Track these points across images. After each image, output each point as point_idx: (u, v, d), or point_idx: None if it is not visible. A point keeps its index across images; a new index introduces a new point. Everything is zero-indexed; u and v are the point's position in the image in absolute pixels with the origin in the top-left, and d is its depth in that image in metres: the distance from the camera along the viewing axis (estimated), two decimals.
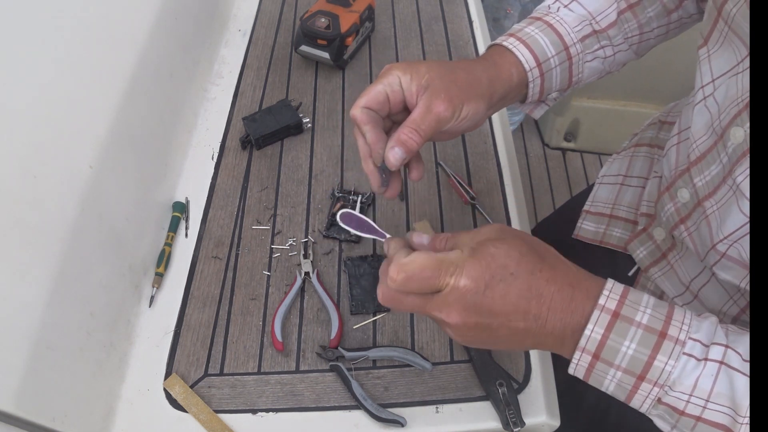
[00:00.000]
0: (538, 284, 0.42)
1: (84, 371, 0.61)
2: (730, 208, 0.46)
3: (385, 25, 1.05)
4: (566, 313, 0.42)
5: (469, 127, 0.54)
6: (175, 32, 0.86)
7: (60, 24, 0.60)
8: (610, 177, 0.77)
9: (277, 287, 0.73)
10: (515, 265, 0.42)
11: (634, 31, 0.60)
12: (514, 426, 0.60)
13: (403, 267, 0.43)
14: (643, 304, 0.42)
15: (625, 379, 0.42)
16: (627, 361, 0.41)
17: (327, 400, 0.64)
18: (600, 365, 0.42)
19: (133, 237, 0.72)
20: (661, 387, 0.41)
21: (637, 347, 0.41)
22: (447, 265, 0.43)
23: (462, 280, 0.42)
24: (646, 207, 0.66)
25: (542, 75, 0.57)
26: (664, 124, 0.73)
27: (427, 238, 0.48)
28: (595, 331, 0.41)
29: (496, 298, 0.42)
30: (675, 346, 0.40)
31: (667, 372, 0.40)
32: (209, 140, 0.90)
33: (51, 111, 0.57)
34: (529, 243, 0.44)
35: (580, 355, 0.42)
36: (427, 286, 0.43)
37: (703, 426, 0.41)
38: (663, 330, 0.41)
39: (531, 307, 0.42)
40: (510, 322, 0.43)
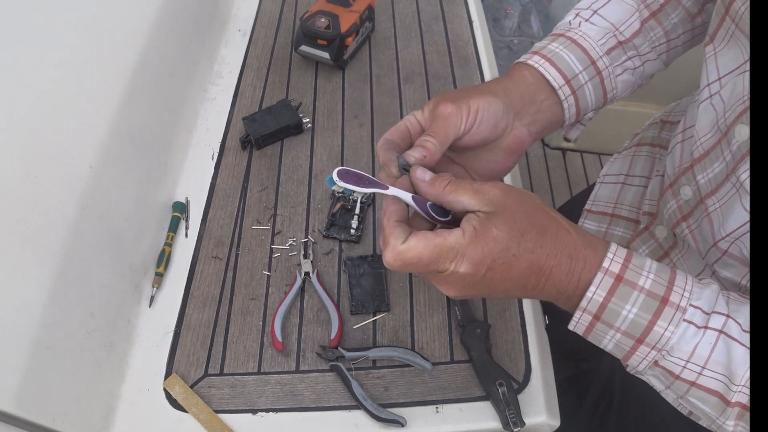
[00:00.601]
0: (539, 260, 0.42)
1: (84, 371, 0.61)
2: (733, 205, 0.46)
3: (385, 25, 1.05)
4: (563, 283, 0.43)
5: (493, 129, 0.51)
6: (175, 32, 0.86)
7: (60, 24, 0.60)
8: (612, 176, 0.77)
9: (277, 287, 0.73)
10: (517, 246, 0.42)
11: (661, 39, 0.59)
12: (514, 426, 0.60)
13: (399, 255, 0.43)
14: (646, 268, 0.42)
15: (623, 341, 0.43)
16: (627, 325, 0.42)
17: (327, 400, 0.64)
18: (600, 326, 0.43)
19: (133, 237, 0.72)
20: (659, 351, 0.42)
21: (638, 311, 0.41)
22: (447, 251, 0.42)
23: (462, 266, 0.42)
24: (648, 206, 0.66)
25: (574, 93, 0.55)
26: (665, 124, 0.73)
27: (429, 174, 0.46)
28: (597, 294, 0.42)
29: (496, 278, 0.43)
30: (676, 313, 0.41)
31: (666, 337, 0.41)
32: (209, 140, 0.90)
33: (51, 111, 0.57)
34: (532, 215, 0.43)
35: (581, 315, 0.43)
36: (425, 272, 0.44)
37: (696, 391, 0.42)
38: (665, 296, 0.41)
39: (530, 280, 0.43)
40: (508, 291, 0.44)
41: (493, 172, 0.55)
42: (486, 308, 0.70)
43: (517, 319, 0.69)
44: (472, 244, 0.42)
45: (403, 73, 0.97)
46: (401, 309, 0.71)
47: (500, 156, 0.54)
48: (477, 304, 0.70)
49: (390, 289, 0.72)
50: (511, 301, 0.70)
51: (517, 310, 0.70)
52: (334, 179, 0.47)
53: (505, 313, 0.70)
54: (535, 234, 0.42)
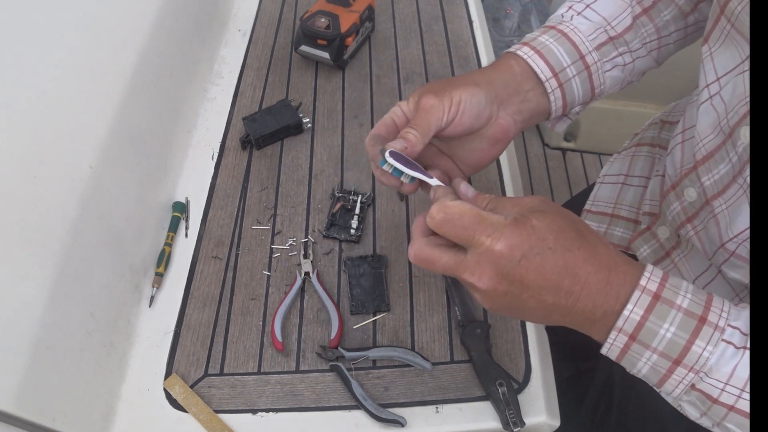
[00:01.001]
0: (575, 262, 0.41)
1: (84, 371, 0.61)
2: (741, 207, 0.46)
3: (385, 25, 1.05)
4: (600, 295, 0.41)
5: (476, 118, 0.52)
6: (175, 32, 0.86)
7: (60, 24, 0.60)
8: (611, 176, 0.77)
9: (277, 287, 0.73)
10: (554, 240, 0.41)
11: (652, 35, 0.59)
12: (514, 426, 0.60)
13: (444, 207, 0.43)
14: (683, 288, 0.41)
15: (660, 363, 0.41)
16: (665, 345, 0.40)
17: (327, 400, 0.64)
18: (636, 347, 0.41)
19: (133, 237, 0.72)
20: (696, 373, 0.40)
21: (676, 331, 0.40)
22: (487, 224, 0.42)
23: (499, 244, 0.41)
24: (649, 206, 0.66)
25: (561, 86, 0.56)
26: (665, 124, 0.73)
27: (473, 191, 0.48)
28: (634, 312, 0.40)
29: (530, 270, 0.41)
30: (714, 332, 0.40)
31: (705, 358, 0.39)
32: (209, 140, 0.90)
33: (51, 111, 0.57)
34: (571, 220, 0.44)
35: (616, 336, 0.41)
36: (461, 236, 0.43)
37: (735, 416, 0.40)
38: (703, 315, 0.40)
39: (564, 283, 0.41)
40: (540, 296, 0.42)
41: (478, 161, 0.57)
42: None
43: (517, 319, 0.69)
44: (511, 226, 0.42)
45: (403, 73, 0.97)
46: (401, 309, 0.71)
47: (485, 145, 0.55)
48: (477, 304, 0.70)
49: (390, 289, 0.72)
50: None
51: None
52: (386, 158, 0.49)
53: None
54: (575, 235, 0.42)
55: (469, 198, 0.48)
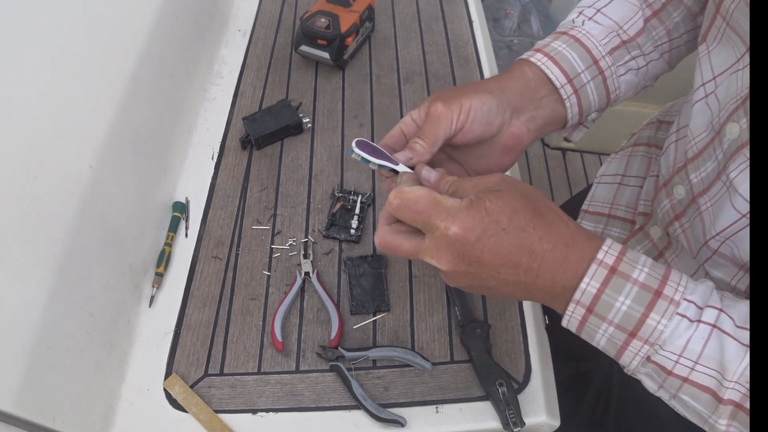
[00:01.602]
0: (531, 241, 0.42)
1: (84, 371, 0.61)
2: (723, 204, 0.46)
3: (385, 25, 1.05)
4: (558, 271, 0.42)
5: (486, 126, 0.52)
6: (175, 32, 0.86)
7: (60, 24, 0.60)
8: (609, 176, 0.77)
9: (277, 287, 0.73)
10: (507, 221, 0.42)
11: (663, 38, 0.58)
12: (514, 426, 0.60)
13: (401, 193, 0.45)
14: (641, 263, 0.42)
15: (616, 335, 0.42)
16: (620, 317, 0.41)
17: (327, 400, 0.64)
18: (593, 319, 0.42)
19: (133, 237, 0.72)
20: (651, 345, 0.41)
21: (632, 304, 0.41)
22: (441, 208, 0.43)
23: (453, 227, 0.42)
24: (643, 206, 0.66)
25: (576, 92, 0.55)
26: (662, 124, 0.73)
27: (435, 174, 0.49)
28: (590, 285, 0.41)
29: (486, 251, 0.42)
30: (669, 306, 0.40)
31: (659, 331, 0.40)
32: (209, 140, 0.90)
33: (51, 111, 0.57)
34: (528, 197, 0.44)
35: (574, 308, 0.43)
36: (417, 220, 0.44)
37: (689, 387, 0.41)
38: (658, 289, 0.41)
39: (521, 261, 0.42)
40: (499, 274, 0.43)
41: (490, 169, 0.56)
42: (486, 308, 0.70)
43: (517, 319, 0.69)
44: (465, 210, 0.43)
45: (403, 73, 0.97)
46: (401, 309, 0.71)
47: (497, 153, 0.54)
48: (477, 304, 0.70)
49: (390, 289, 0.72)
50: (511, 300, 0.70)
51: (517, 310, 0.70)
52: (353, 148, 0.50)
53: (505, 313, 0.70)
54: (530, 215, 0.43)
55: (432, 181, 0.48)
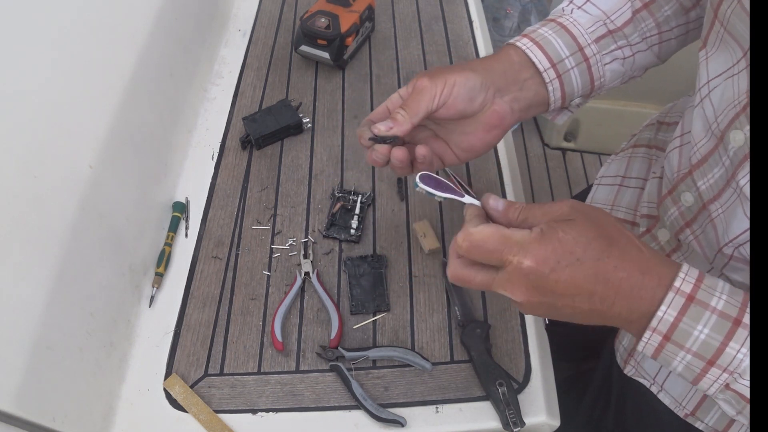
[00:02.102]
0: (606, 270, 0.42)
1: (84, 371, 0.61)
2: (735, 211, 0.46)
3: (385, 25, 1.05)
4: (634, 300, 0.42)
5: (469, 102, 0.54)
6: (175, 32, 0.86)
7: (60, 24, 0.60)
8: (609, 178, 0.77)
9: (277, 287, 0.73)
10: (582, 251, 0.42)
11: (653, 30, 0.59)
12: (514, 426, 0.60)
13: (469, 236, 0.45)
14: (719, 289, 0.41)
15: (694, 363, 0.41)
16: (698, 346, 0.41)
17: (327, 400, 0.64)
18: (670, 347, 0.42)
19: (133, 237, 0.72)
20: (730, 374, 0.40)
21: (710, 332, 0.40)
22: (512, 243, 0.43)
23: (526, 261, 0.42)
24: (647, 208, 0.66)
25: (559, 77, 0.57)
26: (662, 125, 0.73)
27: (503, 204, 0.48)
28: (668, 313, 0.41)
29: (560, 281, 0.42)
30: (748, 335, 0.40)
31: (738, 359, 0.40)
32: (209, 140, 0.90)
33: (51, 111, 0.57)
34: (600, 226, 0.44)
35: (651, 335, 0.42)
36: (489, 259, 0.44)
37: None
38: (738, 317, 0.40)
39: (597, 290, 0.42)
40: (574, 303, 0.43)
41: (472, 146, 0.57)
42: (486, 308, 0.70)
43: (517, 319, 0.69)
44: (537, 242, 0.42)
45: (403, 73, 0.97)
46: (401, 309, 0.71)
47: (480, 130, 0.56)
48: (477, 304, 0.70)
49: (390, 289, 0.72)
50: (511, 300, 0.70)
51: (517, 310, 0.70)
52: (417, 182, 0.52)
53: (505, 313, 0.70)
54: (604, 244, 0.42)
55: (500, 211, 0.48)
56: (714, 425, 0.59)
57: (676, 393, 0.61)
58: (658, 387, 0.63)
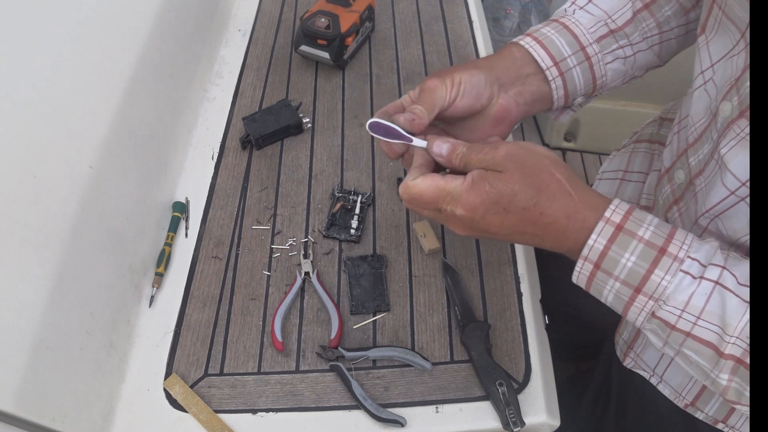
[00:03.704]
0: (533, 215, 0.46)
1: (84, 371, 0.61)
2: (715, 182, 0.47)
3: (385, 25, 1.05)
4: (560, 239, 0.46)
5: (476, 98, 0.55)
6: (175, 32, 0.86)
7: (60, 23, 0.60)
8: (610, 173, 0.77)
9: (277, 287, 0.73)
10: (508, 202, 0.46)
11: (653, 30, 0.60)
12: (514, 426, 0.60)
13: (407, 189, 0.50)
14: (647, 221, 0.44)
15: (622, 291, 0.44)
16: (626, 273, 0.43)
17: (327, 400, 0.64)
18: (600, 275, 0.44)
19: (133, 237, 0.72)
20: (655, 301, 0.43)
21: (637, 260, 0.43)
22: (444, 194, 0.48)
23: (458, 210, 0.48)
24: (646, 200, 0.67)
25: (562, 75, 0.58)
26: (664, 121, 0.73)
27: (447, 147, 0.51)
28: (597, 242, 0.44)
29: (491, 224, 0.47)
30: (673, 263, 0.42)
31: (663, 286, 0.42)
32: (209, 140, 0.90)
33: (51, 111, 0.57)
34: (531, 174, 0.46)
35: (583, 264, 0.45)
36: (427, 209, 0.50)
37: (691, 342, 0.43)
38: (663, 246, 0.42)
39: (526, 230, 0.47)
40: (509, 237, 0.49)
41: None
42: (486, 308, 0.70)
43: (517, 319, 0.69)
44: (467, 192, 0.47)
45: (403, 73, 0.97)
46: (401, 309, 0.71)
47: (488, 125, 0.57)
48: (477, 304, 0.70)
49: (390, 289, 0.72)
50: (511, 300, 0.70)
51: (517, 310, 0.70)
52: (367, 129, 0.54)
53: (505, 313, 0.70)
54: (530, 194, 0.46)
55: (444, 155, 0.51)
56: (714, 415, 0.59)
57: (676, 383, 0.62)
58: (657, 378, 0.63)
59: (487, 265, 0.73)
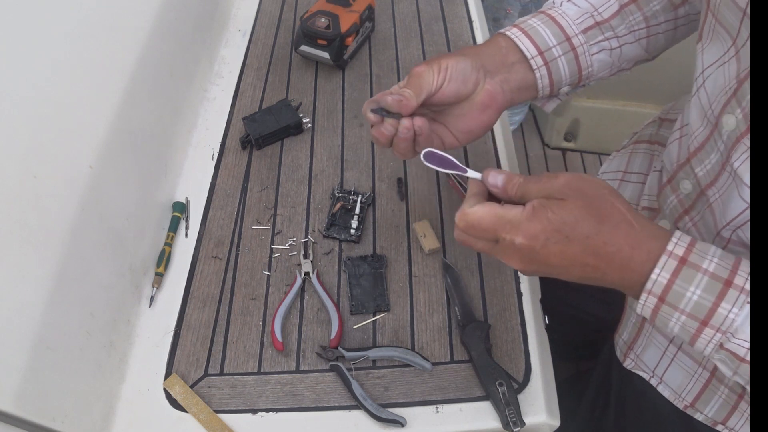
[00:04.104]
0: (596, 245, 0.44)
1: (84, 371, 0.61)
2: (731, 194, 0.47)
3: (385, 25, 1.05)
4: (625, 271, 0.44)
5: (463, 83, 0.56)
6: (175, 32, 0.86)
7: (60, 23, 0.60)
8: (610, 174, 0.77)
9: (277, 287, 0.73)
10: (570, 230, 0.44)
11: (640, 23, 0.60)
12: (514, 426, 0.60)
13: (464, 216, 0.48)
14: (711, 253, 0.43)
15: (688, 324, 0.43)
16: (691, 307, 0.42)
17: (327, 400, 0.64)
18: (665, 308, 0.43)
19: (133, 237, 0.72)
20: (723, 333, 0.42)
21: (702, 293, 0.42)
22: (504, 222, 0.46)
23: (517, 239, 0.46)
24: (648, 201, 0.67)
25: (547, 64, 0.59)
26: (663, 122, 0.73)
27: (502, 179, 0.51)
28: (661, 276, 0.43)
29: (552, 255, 0.45)
30: (740, 295, 0.41)
31: (730, 319, 0.41)
32: (209, 140, 0.90)
33: (51, 111, 0.57)
34: (592, 202, 0.45)
35: (647, 297, 0.44)
36: (484, 236, 0.48)
37: None
38: (728, 278, 0.42)
39: (588, 261, 0.45)
40: (569, 272, 0.46)
41: (470, 127, 0.59)
42: (486, 308, 0.70)
43: (517, 319, 0.69)
44: (528, 220, 0.45)
45: (403, 73, 0.97)
46: (401, 309, 0.71)
47: (475, 110, 0.58)
48: (477, 304, 0.70)
49: (390, 289, 0.72)
50: (511, 300, 0.70)
51: (517, 310, 0.70)
52: (422, 159, 0.54)
53: (505, 313, 0.70)
54: (593, 221, 0.44)
55: (500, 186, 0.51)
56: (713, 416, 0.59)
57: (676, 384, 0.62)
58: (657, 379, 0.63)
59: (487, 265, 0.73)
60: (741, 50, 0.45)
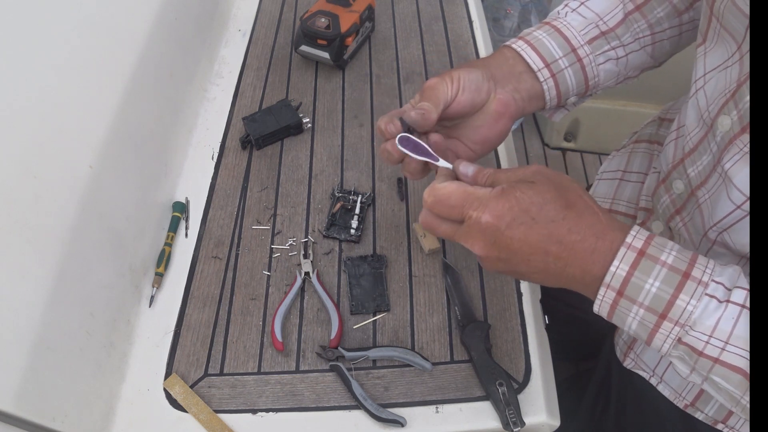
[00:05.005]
0: (560, 231, 0.44)
1: (84, 371, 0.61)
2: (720, 195, 0.47)
3: (385, 25, 1.05)
4: (587, 262, 0.44)
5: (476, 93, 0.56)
6: (175, 32, 0.86)
7: (60, 24, 0.60)
8: (610, 173, 0.77)
9: (277, 287, 0.73)
10: (537, 211, 0.44)
11: (645, 31, 0.60)
12: (514, 426, 0.60)
13: (433, 191, 0.48)
14: (668, 246, 0.43)
15: (647, 317, 0.42)
16: (650, 299, 0.42)
17: (327, 400, 0.64)
18: (623, 302, 0.43)
19: (133, 237, 0.72)
20: (681, 326, 0.41)
21: (661, 285, 0.41)
22: (473, 199, 0.46)
23: (484, 216, 0.45)
24: (645, 201, 0.67)
25: (553, 76, 0.58)
26: (663, 121, 0.74)
27: (473, 169, 0.51)
28: (620, 268, 0.42)
29: (515, 238, 0.45)
30: (698, 287, 0.41)
31: (689, 311, 0.41)
32: (209, 140, 0.90)
33: (51, 111, 0.57)
34: (560, 189, 0.45)
35: (605, 292, 0.43)
36: (452, 213, 0.47)
37: (720, 368, 0.41)
38: (687, 270, 0.41)
39: (551, 250, 0.44)
40: (530, 261, 0.45)
41: (485, 137, 0.59)
42: (486, 308, 0.70)
43: (517, 319, 0.69)
44: (496, 198, 0.45)
45: (403, 73, 0.97)
46: (401, 309, 0.71)
47: (490, 120, 0.58)
48: (477, 304, 0.70)
49: (390, 289, 0.72)
50: (511, 300, 0.70)
51: (517, 310, 0.70)
52: (396, 143, 0.54)
53: (505, 313, 0.70)
54: (560, 206, 0.44)
55: (470, 176, 0.51)
56: (713, 415, 0.59)
57: (676, 384, 0.62)
58: (657, 378, 0.63)
59: None
60: (745, 56, 0.45)
